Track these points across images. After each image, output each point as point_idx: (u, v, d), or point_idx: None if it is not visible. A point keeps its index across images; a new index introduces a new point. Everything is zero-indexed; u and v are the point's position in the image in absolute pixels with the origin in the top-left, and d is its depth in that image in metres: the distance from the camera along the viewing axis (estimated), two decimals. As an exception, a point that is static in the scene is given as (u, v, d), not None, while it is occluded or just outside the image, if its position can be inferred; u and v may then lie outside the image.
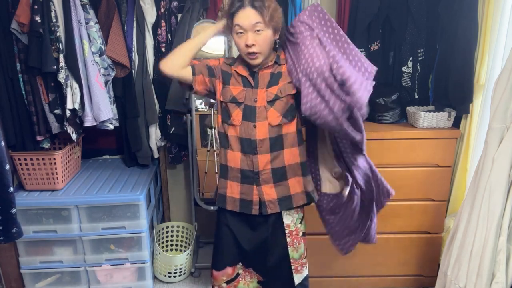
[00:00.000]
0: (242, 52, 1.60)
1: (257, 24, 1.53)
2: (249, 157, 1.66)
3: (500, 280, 1.75)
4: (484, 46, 2.07)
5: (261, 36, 1.55)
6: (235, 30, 1.57)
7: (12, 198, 1.45)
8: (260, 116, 1.63)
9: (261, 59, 1.60)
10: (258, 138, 1.63)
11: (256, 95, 1.64)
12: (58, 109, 2.14)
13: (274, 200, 1.70)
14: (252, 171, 1.67)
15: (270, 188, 1.69)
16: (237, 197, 1.72)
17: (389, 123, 2.38)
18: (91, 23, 2.15)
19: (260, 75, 1.65)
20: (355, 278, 2.48)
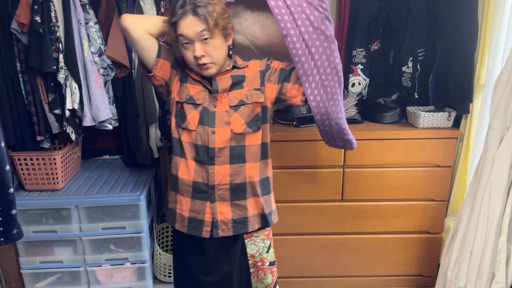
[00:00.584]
0: (191, 65, 1.44)
1: (203, 33, 1.37)
2: (204, 167, 1.47)
3: (500, 280, 1.76)
4: (484, 46, 2.07)
5: (210, 45, 1.39)
6: (180, 41, 1.41)
7: (12, 199, 1.45)
8: (220, 121, 1.46)
9: (215, 69, 1.45)
10: (217, 146, 1.45)
11: (216, 100, 1.48)
12: (58, 109, 2.13)
13: (228, 221, 1.50)
14: (207, 185, 1.47)
15: (225, 206, 1.49)
16: (186, 215, 1.52)
17: (389, 123, 2.38)
18: (90, 23, 2.15)
19: (218, 79, 1.50)
20: (355, 278, 2.48)
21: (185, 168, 1.48)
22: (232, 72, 1.51)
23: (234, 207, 1.50)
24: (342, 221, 2.36)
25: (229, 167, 1.46)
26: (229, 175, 1.47)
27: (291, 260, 2.43)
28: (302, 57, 1.42)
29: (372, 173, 2.28)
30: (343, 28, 2.45)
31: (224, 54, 1.46)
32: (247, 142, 1.48)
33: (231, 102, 1.47)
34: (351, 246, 2.40)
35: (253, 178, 1.50)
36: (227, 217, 1.49)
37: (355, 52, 2.46)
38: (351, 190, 2.30)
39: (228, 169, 1.47)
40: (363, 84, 2.52)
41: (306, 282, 2.49)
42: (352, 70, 2.49)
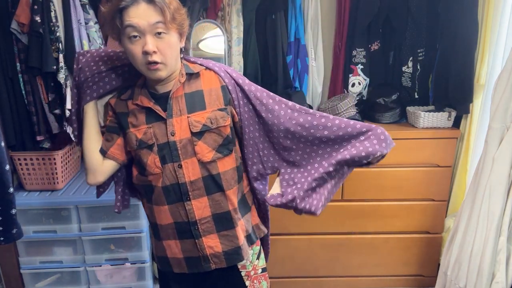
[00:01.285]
0: (138, 63, 1.18)
1: (158, 25, 1.14)
2: (181, 205, 1.29)
3: (500, 280, 1.76)
4: (484, 46, 2.08)
5: (164, 41, 1.16)
6: (127, 33, 1.15)
7: (12, 199, 1.45)
8: (185, 152, 1.25)
9: (165, 72, 1.19)
10: (188, 180, 1.26)
11: (173, 127, 1.25)
12: (57, 109, 2.13)
13: (220, 254, 1.33)
14: (188, 222, 1.30)
15: (213, 239, 1.32)
16: (181, 256, 1.35)
17: (389, 123, 2.38)
18: (90, 23, 2.15)
19: (173, 99, 1.26)
20: (355, 278, 2.48)
21: (162, 213, 1.31)
22: (188, 87, 1.27)
23: (223, 238, 1.33)
24: (342, 221, 2.36)
25: (206, 199, 1.29)
26: (209, 206, 1.30)
27: (291, 260, 2.43)
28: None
29: (372, 173, 2.27)
30: (343, 28, 2.45)
31: (177, 55, 1.23)
32: (220, 169, 1.29)
33: (193, 127, 1.25)
34: (351, 246, 2.40)
35: (235, 205, 1.34)
36: (218, 250, 1.33)
37: (355, 52, 2.47)
38: (351, 190, 2.30)
39: (206, 201, 1.29)
40: (363, 84, 2.52)
41: (306, 282, 2.49)
42: (352, 70, 2.50)
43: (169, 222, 1.32)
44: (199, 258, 1.33)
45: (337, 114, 2.35)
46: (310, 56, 2.48)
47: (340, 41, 2.48)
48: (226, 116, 1.27)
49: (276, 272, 2.45)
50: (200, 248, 1.32)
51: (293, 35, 2.43)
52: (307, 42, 2.46)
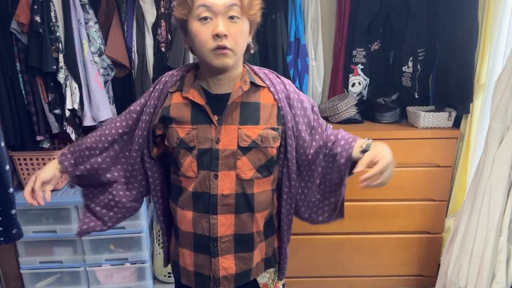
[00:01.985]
0: (204, 48, 1.08)
1: (233, 8, 1.06)
2: (204, 217, 1.21)
3: (500, 280, 1.75)
4: (485, 46, 2.07)
5: (237, 26, 1.08)
6: (197, 13, 1.06)
7: (12, 199, 1.45)
8: (225, 164, 1.17)
9: (232, 60, 1.10)
10: (220, 193, 1.18)
11: (220, 134, 1.16)
12: (57, 109, 2.13)
13: (231, 277, 1.25)
14: (208, 237, 1.22)
15: (229, 260, 1.24)
16: (191, 269, 1.28)
17: (389, 123, 2.38)
18: (90, 23, 2.15)
19: (228, 106, 1.16)
20: (355, 278, 2.48)
21: (185, 219, 1.24)
22: (245, 96, 1.17)
23: (238, 260, 1.25)
24: (342, 221, 2.35)
25: (233, 217, 1.21)
26: (234, 225, 1.21)
27: (291, 260, 2.41)
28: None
29: (372, 173, 2.27)
30: (343, 28, 2.45)
31: (244, 47, 1.14)
32: (256, 189, 1.21)
33: (242, 141, 1.16)
34: (351, 246, 2.40)
35: (260, 228, 1.26)
36: (231, 272, 1.25)
37: (355, 52, 2.46)
38: (351, 190, 2.29)
39: (232, 219, 1.21)
40: (363, 84, 2.52)
41: (306, 282, 2.49)
42: (352, 70, 2.49)
43: (188, 230, 1.24)
44: (209, 278, 1.25)
45: (337, 114, 2.35)
46: (310, 56, 2.48)
47: (340, 41, 2.48)
48: (277, 137, 1.19)
49: (276, 272, 2.45)
50: (214, 268, 1.23)
51: (293, 35, 2.43)
52: (307, 42, 2.46)
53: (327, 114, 2.41)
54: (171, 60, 2.32)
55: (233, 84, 1.17)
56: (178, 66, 2.28)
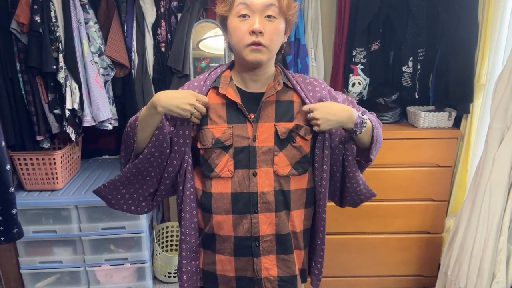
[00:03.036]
0: (240, 44, 1.13)
1: (270, 8, 1.11)
2: (245, 218, 1.21)
3: (500, 280, 1.76)
4: (485, 46, 2.08)
5: (273, 25, 1.13)
6: (237, 11, 1.13)
7: (12, 199, 1.45)
8: (263, 160, 1.19)
9: (266, 56, 1.14)
10: (260, 191, 1.19)
11: (257, 131, 1.19)
12: (57, 109, 2.13)
13: (274, 279, 1.24)
14: (250, 238, 1.21)
15: (271, 261, 1.24)
16: (232, 274, 1.26)
17: (389, 123, 2.38)
18: (90, 23, 2.15)
19: (263, 104, 1.20)
20: (355, 278, 2.48)
21: (223, 223, 1.22)
22: (278, 95, 1.22)
23: (280, 261, 1.24)
24: (342, 221, 2.36)
25: (274, 215, 1.21)
26: (274, 224, 1.22)
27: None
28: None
29: (372, 173, 2.27)
30: (343, 28, 2.45)
31: (279, 46, 1.20)
32: (292, 186, 1.23)
33: (281, 135, 1.20)
34: (351, 246, 2.40)
35: (295, 228, 1.27)
36: (273, 274, 1.24)
37: (355, 52, 2.46)
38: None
39: (273, 217, 1.21)
40: (363, 84, 2.52)
41: (306, 282, 2.49)
42: (352, 70, 2.49)
43: (229, 234, 1.22)
44: (252, 280, 1.25)
45: (337, 114, 2.35)
46: (310, 56, 2.48)
47: (340, 41, 2.48)
48: (309, 132, 1.22)
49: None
50: (256, 269, 1.23)
51: (293, 35, 2.43)
52: (307, 42, 2.46)
53: (327, 114, 2.41)
54: (171, 60, 2.32)
55: (267, 83, 1.22)
56: (178, 66, 2.30)
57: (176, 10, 2.37)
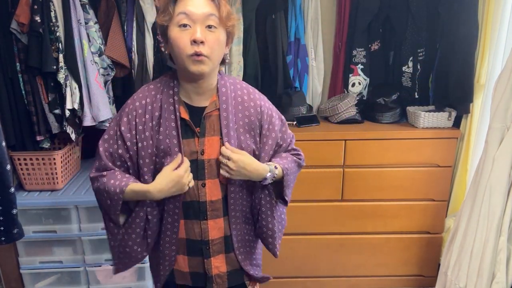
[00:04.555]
0: (182, 54, 1.14)
1: (211, 17, 1.13)
2: (196, 223, 1.30)
3: (500, 280, 1.76)
4: (485, 46, 2.08)
5: (214, 35, 1.14)
6: (177, 20, 1.13)
7: (13, 199, 1.45)
8: (210, 172, 1.26)
9: (208, 67, 1.15)
10: (209, 200, 1.28)
11: (204, 145, 1.24)
12: (57, 109, 2.13)
13: (223, 274, 1.36)
14: (201, 241, 1.31)
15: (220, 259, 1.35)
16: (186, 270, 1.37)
17: (389, 123, 2.38)
18: (90, 23, 2.14)
19: (207, 118, 1.24)
20: (355, 278, 2.48)
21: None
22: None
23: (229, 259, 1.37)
24: (342, 221, 2.36)
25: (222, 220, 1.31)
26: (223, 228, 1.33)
27: (291, 260, 2.43)
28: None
29: (372, 173, 2.28)
30: (343, 28, 2.45)
31: (221, 56, 1.21)
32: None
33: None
34: (351, 246, 2.40)
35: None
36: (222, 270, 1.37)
37: (355, 52, 2.47)
38: (351, 190, 2.30)
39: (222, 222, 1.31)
40: (363, 84, 2.52)
41: (306, 282, 2.49)
42: (352, 70, 2.50)
43: (181, 237, 1.31)
44: (204, 275, 1.35)
45: (337, 114, 2.35)
46: (310, 56, 2.48)
47: (340, 41, 2.48)
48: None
49: (276, 272, 2.45)
50: (206, 268, 1.33)
51: (293, 35, 2.43)
52: (307, 42, 2.46)
53: (327, 114, 2.41)
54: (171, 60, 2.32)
55: (211, 96, 1.26)
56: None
57: (176, 10, 2.37)
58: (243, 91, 1.30)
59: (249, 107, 1.28)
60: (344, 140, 2.22)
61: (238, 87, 1.30)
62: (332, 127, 2.31)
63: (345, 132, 2.23)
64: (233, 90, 1.29)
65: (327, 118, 2.43)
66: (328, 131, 2.25)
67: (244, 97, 1.29)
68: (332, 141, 2.23)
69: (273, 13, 2.37)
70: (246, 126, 1.27)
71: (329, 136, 2.22)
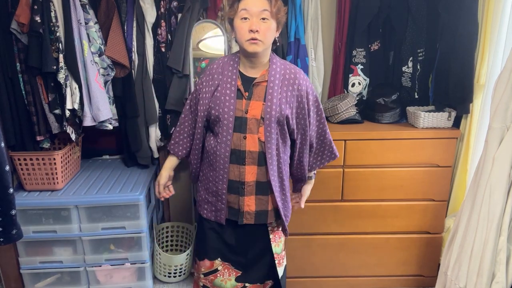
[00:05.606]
0: (242, 39, 1.57)
1: (264, 12, 1.54)
2: (236, 167, 1.69)
3: (500, 280, 1.75)
4: (484, 46, 2.07)
5: (266, 24, 1.56)
6: (240, 14, 1.56)
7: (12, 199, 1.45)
8: (250, 128, 1.64)
9: (261, 47, 1.57)
10: (248, 150, 1.65)
11: (249, 106, 1.65)
12: (58, 109, 2.13)
13: (252, 212, 1.73)
14: (239, 181, 1.70)
15: (251, 199, 1.72)
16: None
17: (389, 123, 2.38)
18: (90, 23, 2.15)
19: (255, 86, 1.66)
20: (355, 278, 2.48)
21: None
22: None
23: (258, 200, 1.74)
24: (342, 221, 2.36)
25: (256, 168, 1.69)
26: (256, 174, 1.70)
27: (291, 260, 2.42)
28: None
29: (372, 173, 2.27)
30: (343, 28, 2.45)
31: (271, 40, 1.62)
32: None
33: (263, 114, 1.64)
34: (351, 246, 2.40)
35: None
36: (251, 209, 1.74)
37: (355, 52, 2.47)
38: (351, 190, 2.30)
39: (255, 169, 1.69)
40: (363, 84, 2.52)
41: (306, 282, 2.49)
42: (352, 70, 2.49)
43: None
44: (237, 211, 1.73)
45: (337, 114, 2.35)
46: (310, 56, 2.48)
47: (340, 41, 2.48)
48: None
49: (276, 272, 2.45)
50: (240, 204, 1.71)
51: (293, 35, 2.43)
52: (307, 42, 2.46)
53: (327, 114, 2.41)
54: (171, 60, 2.33)
55: (262, 70, 1.67)
56: (178, 67, 2.31)
57: (176, 10, 2.37)
58: (291, 70, 1.68)
59: (293, 84, 1.66)
60: (344, 140, 2.22)
61: (287, 67, 1.69)
62: (332, 127, 2.31)
63: (345, 132, 2.23)
64: (283, 68, 1.67)
65: (327, 118, 2.43)
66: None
67: (291, 75, 1.67)
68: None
69: (273, 13, 2.37)
70: (290, 99, 1.65)
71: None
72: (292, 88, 1.65)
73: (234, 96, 1.63)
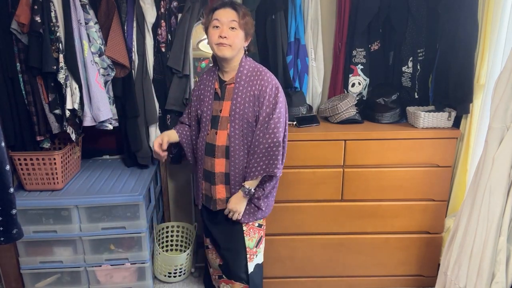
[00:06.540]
0: (213, 43, 1.78)
1: (233, 22, 1.76)
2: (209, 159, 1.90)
3: (500, 280, 1.75)
4: (484, 46, 2.07)
5: (234, 33, 1.77)
6: (213, 23, 1.78)
7: (12, 199, 1.45)
8: (222, 125, 1.85)
9: (229, 52, 1.77)
10: (218, 144, 1.86)
11: (222, 106, 1.86)
12: (58, 109, 2.13)
13: (223, 199, 1.92)
14: (210, 172, 1.91)
15: (221, 188, 1.91)
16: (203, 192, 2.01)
17: (389, 123, 2.38)
18: (90, 23, 2.15)
19: (226, 88, 1.86)
20: (355, 278, 2.48)
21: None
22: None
23: (227, 188, 1.91)
24: (342, 221, 2.36)
25: (224, 160, 1.87)
26: (224, 165, 1.88)
27: (291, 260, 2.43)
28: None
29: (372, 173, 2.28)
30: (343, 28, 2.45)
31: (241, 46, 1.81)
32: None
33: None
34: (351, 246, 2.40)
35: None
36: (222, 196, 1.92)
37: (355, 52, 2.47)
38: (351, 190, 2.30)
39: (223, 161, 1.87)
40: (363, 84, 2.52)
41: (306, 282, 2.49)
42: (352, 70, 2.50)
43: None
44: (210, 199, 1.94)
45: (337, 114, 2.36)
46: (310, 56, 2.48)
47: (340, 41, 2.48)
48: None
49: (276, 272, 2.45)
50: (212, 192, 1.92)
51: (293, 35, 2.43)
52: (307, 42, 2.46)
53: (327, 114, 2.41)
54: (171, 60, 2.33)
55: (233, 73, 1.86)
56: (178, 67, 2.31)
57: (176, 11, 2.37)
58: (257, 71, 1.84)
59: (256, 84, 1.81)
60: (344, 140, 2.22)
61: (256, 69, 1.85)
62: (332, 127, 2.31)
63: (345, 132, 2.23)
64: (250, 70, 1.85)
65: (327, 118, 2.43)
66: (328, 131, 2.25)
67: (255, 76, 1.83)
68: (332, 141, 2.23)
69: (273, 13, 2.37)
70: (252, 97, 1.81)
71: (329, 136, 2.23)
72: (255, 88, 1.81)
73: (212, 98, 1.88)
